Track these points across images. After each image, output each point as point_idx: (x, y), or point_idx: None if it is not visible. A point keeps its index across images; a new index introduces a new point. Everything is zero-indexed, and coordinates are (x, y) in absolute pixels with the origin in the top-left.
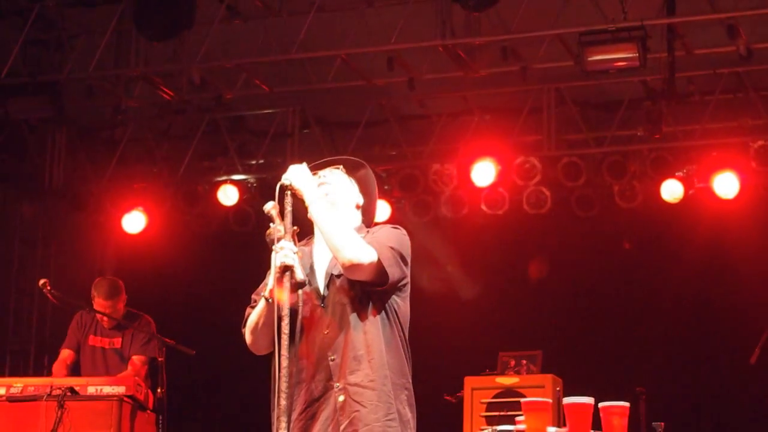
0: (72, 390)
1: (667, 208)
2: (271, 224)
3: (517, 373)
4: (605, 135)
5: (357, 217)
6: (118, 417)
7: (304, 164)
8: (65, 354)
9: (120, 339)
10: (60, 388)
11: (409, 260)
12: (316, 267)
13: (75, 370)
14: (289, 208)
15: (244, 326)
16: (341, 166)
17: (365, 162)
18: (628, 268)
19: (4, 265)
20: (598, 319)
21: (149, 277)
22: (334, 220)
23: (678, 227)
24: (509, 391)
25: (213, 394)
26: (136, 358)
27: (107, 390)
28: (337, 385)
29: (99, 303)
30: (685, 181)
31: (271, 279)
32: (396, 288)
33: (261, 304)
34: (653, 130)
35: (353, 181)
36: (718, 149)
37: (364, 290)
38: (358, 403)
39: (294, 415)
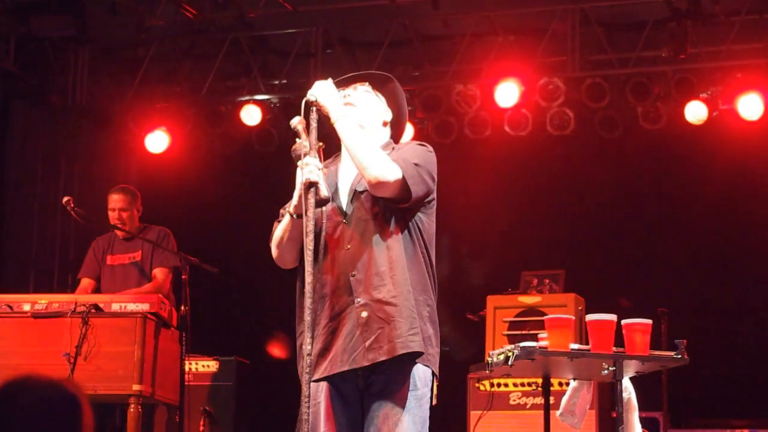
0: (96, 307)
1: (691, 130)
2: (297, 139)
3: (540, 292)
4: (629, 56)
5: (384, 134)
6: (142, 334)
7: (330, 80)
8: (85, 283)
9: (140, 252)
10: (84, 305)
11: (435, 177)
12: (340, 184)
13: None
14: (314, 124)
15: (271, 240)
16: (367, 82)
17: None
18: (652, 189)
19: (28, 184)
20: (621, 240)
21: (172, 197)
22: (360, 137)
23: (702, 149)
24: (531, 310)
25: (236, 311)
26: (158, 271)
27: (131, 307)
28: (359, 300)
29: (113, 200)
30: (709, 103)
31: (295, 194)
32: (420, 205)
33: (286, 219)
34: (678, 50)
35: (380, 96)
36: (742, 71)
37: (388, 207)
38: (382, 319)
39: (317, 330)
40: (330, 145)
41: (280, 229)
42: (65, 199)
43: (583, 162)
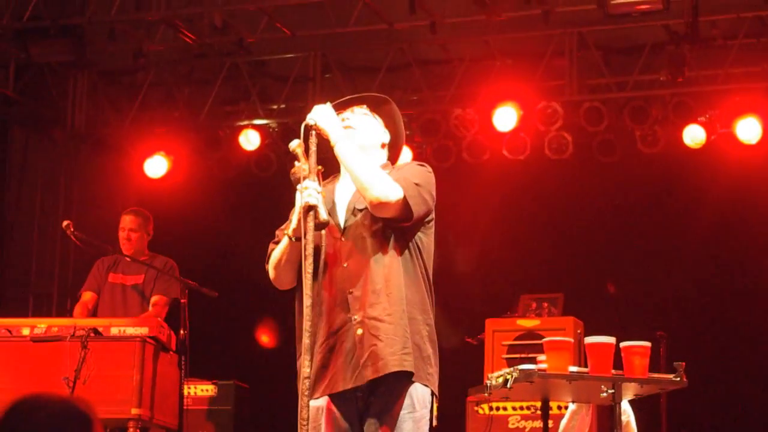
0: (95, 331)
1: (689, 154)
2: (296, 163)
3: (539, 315)
4: (627, 80)
5: (383, 155)
6: (141, 357)
7: (329, 104)
8: (87, 297)
9: (143, 276)
10: (83, 329)
11: (434, 196)
12: (337, 201)
13: (96, 313)
14: (313, 147)
15: (267, 262)
16: (365, 105)
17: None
18: (650, 212)
19: (27, 209)
20: (620, 264)
21: (171, 221)
22: (361, 159)
23: (700, 172)
24: (530, 334)
25: (234, 335)
26: (158, 299)
27: (130, 331)
28: (355, 317)
29: (125, 220)
30: (708, 126)
31: (294, 217)
32: (421, 224)
33: (284, 242)
34: (676, 74)
35: (378, 118)
36: (740, 94)
37: (387, 225)
38: (375, 336)
39: (315, 347)
40: (329, 170)
41: (278, 251)
42: (65, 223)
43: (581, 186)
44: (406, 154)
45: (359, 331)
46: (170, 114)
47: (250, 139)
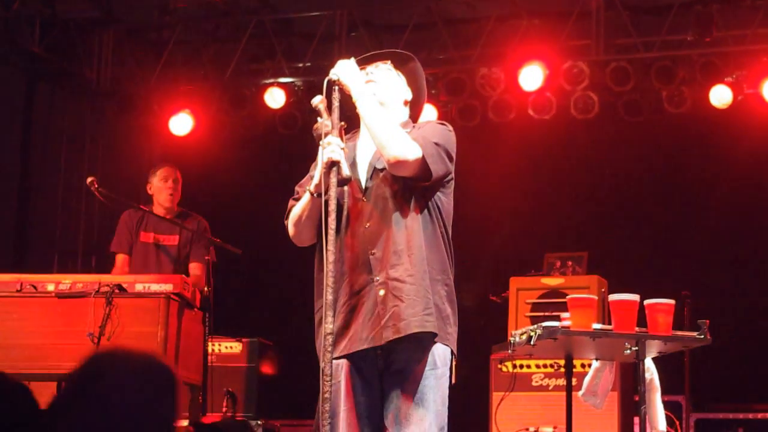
0: (120, 287)
1: (716, 114)
2: (319, 119)
3: (563, 274)
4: (654, 40)
5: (404, 113)
6: (165, 314)
7: (353, 59)
8: (121, 260)
9: (177, 237)
10: (108, 285)
11: (454, 156)
12: (359, 160)
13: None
14: (336, 103)
15: (287, 218)
16: (389, 61)
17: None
18: (676, 173)
19: (52, 165)
20: (645, 223)
21: (196, 179)
22: (381, 116)
23: (726, 133)
24: (554, 292)
25: (258, 292)
26: (196, 266)
27: (155, 287)
28: (377, 278)
29: (169, 171)
30: (734, 87)
31: (317, 173)
32: (440, 184)
33: (305, 198)
34: (703, 34)
35: (401, 75)
36: None
37: (407, 185)
38: (396, 297)
39: (337, 307)
40: (351, 126)
41: (298, 208)
42: (89, 179)
43: (607, 146)
44: (431, 112)
45: (381, 292)
46: (195, 72)
47: (275, 98)
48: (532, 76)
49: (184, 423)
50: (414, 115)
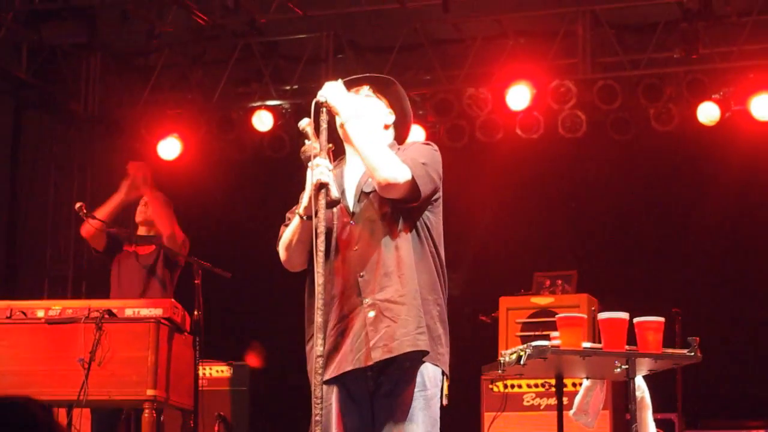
0: (110, 312)
1: (704, 131)
2: (306, 141)
3: (552, 293)
4: (641, 57)
5: (388, 136)
6: (155, 338)
7: (340, 81)
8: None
9: (154, 248)
10: (98, 311)
11: (440, 174)
12: (346, 184)
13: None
14: (324, 125)
15: (278, 244)
16: (368, 86)
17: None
18: (664, 191)
19: (41, 192)
20: (634, 241)
21: (184, 203)
22: (370, 138)
23: (714, 150)
24: (544, 311)
25: (248, 316)
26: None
27: (144, 312)
28: (367, 300)
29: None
30: (722, 104)
31: (305, 195)
32: (427, 203)
33: (295, 222)
34: (689, 51)
35: (383, 98)
36: (754, 71)
37: (396, 207)
38: (388, 318)
39: (327, 331)
40: (339, 150)
41: (289, 232)
42: (78, 204)
43: (595, 164)
44: (419, 133)
45: (371, 314)
46: (183, 96)
47: (263, 120)
48: (519, 96)
49: None
50: (400, 137)
